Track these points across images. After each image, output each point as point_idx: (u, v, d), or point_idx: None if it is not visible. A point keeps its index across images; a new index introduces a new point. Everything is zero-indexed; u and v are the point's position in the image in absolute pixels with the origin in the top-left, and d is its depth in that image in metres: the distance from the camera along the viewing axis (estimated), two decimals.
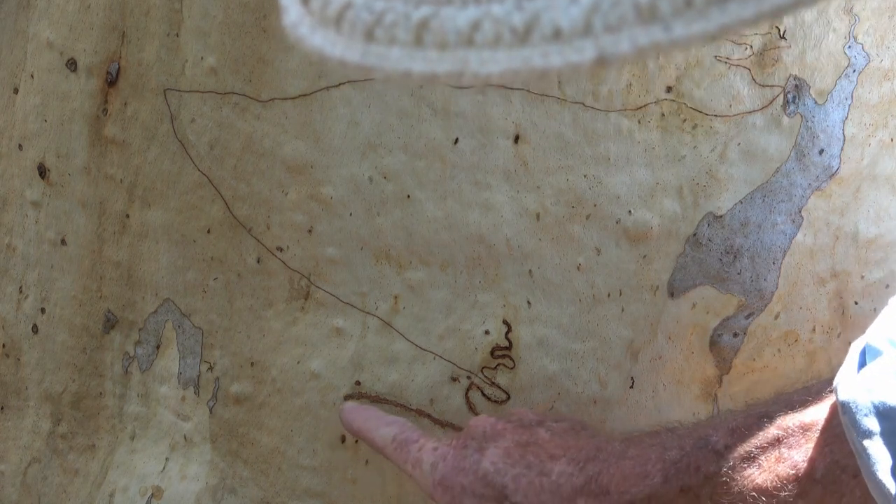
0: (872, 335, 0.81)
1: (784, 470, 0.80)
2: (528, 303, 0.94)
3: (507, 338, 0.94)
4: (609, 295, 0.94)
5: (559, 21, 0.44)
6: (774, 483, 0.80)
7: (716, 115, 0.92)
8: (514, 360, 0.94)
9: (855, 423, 0.75)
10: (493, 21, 0.45)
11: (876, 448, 0.74)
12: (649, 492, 0.82)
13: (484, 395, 0.95)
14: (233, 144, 0.96)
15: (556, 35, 0.44)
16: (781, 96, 0.92)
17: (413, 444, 0.90)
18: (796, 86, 0.92)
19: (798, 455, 0.80)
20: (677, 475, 0.82)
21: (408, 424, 0.92)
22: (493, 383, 0.95)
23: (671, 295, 0.94)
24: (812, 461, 0.80)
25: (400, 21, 0.47)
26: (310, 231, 0.95)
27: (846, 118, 0.93)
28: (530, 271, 0.93)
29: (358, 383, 0.96)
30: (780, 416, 0.82)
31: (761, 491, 0.80)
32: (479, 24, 0.45)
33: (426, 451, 0.89)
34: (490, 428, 0.88)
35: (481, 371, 0.95)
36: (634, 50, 0.43)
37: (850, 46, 0.93)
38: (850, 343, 0.98)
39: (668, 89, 0.91)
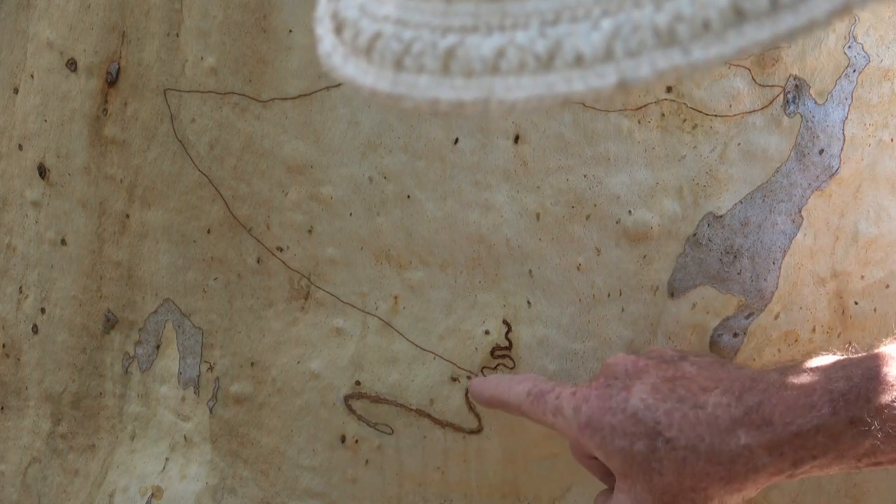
0: None
1: None
2: (528, 303, 0.94)
3: (507, 338, 0.94)
4: (609, 295, 0.94)
5: (581, 47, 0.45)
6: None
7: (716, 115, 0.92)
8: (514, 360, 0.94)
9: None
10: (518, 48, 0.46)
11: None
12: (817, 423, 0.79)
13: None
14: (233, 144, 0.96)
15: (579, 61, 0.45)
16: (781, 96, 0.92)
17: (549, 393, 0.87)
18: (796, 86, 0.92)
19: None
20: (846, 406, 0.79)
21: (539, 378, 0.89)
22: None
23: (671, 295, 0.94)
24: None
25: (427, 49, 0.48)
26: (310, 231, 0.95)
27: (846, 118, 0.93)
28: (530, 271, 0.93)
29: (358, 383, 0.96)
30: None
31: None
32: (504, 52, 0.46)
33: (565, 397, 0.86)
34: (631, 365, 0.86)
35: (481, 371, 0.95)
36: (655, 74, 0.44)
37: (850, 46, 0.93)
38: (850, 343, 0.98)
39: (668, 89, 0.91)
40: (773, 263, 0.94)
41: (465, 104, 0.47)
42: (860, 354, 0.85)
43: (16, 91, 1.08)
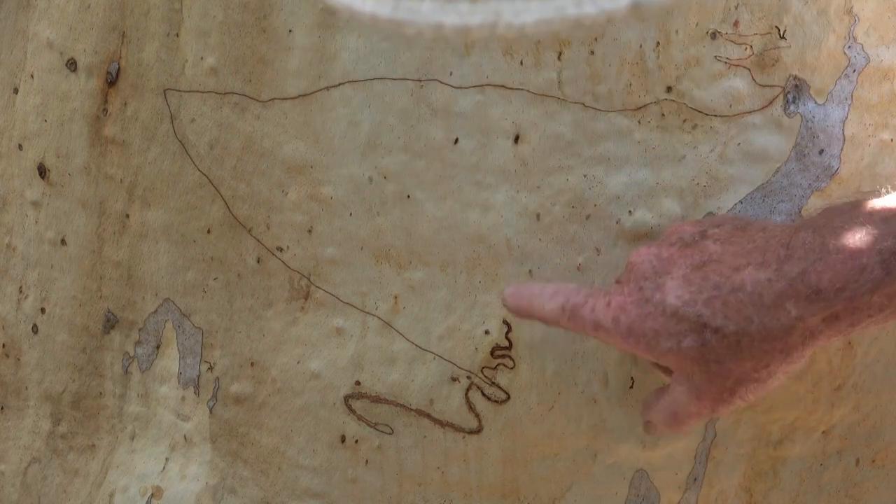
0: None
1: None
2: None
3: (507, 338, 0.94)
4: None
5: None
6: None
7: (716, 115, 0.92)
8: (514, 360, 0.94)
9: None
10: None
11: None
12: (871, 286, 0.77)
13: (484, 394, 0.95)
14: (233, 144, 0.96)
15: None
16: (781, 96, 0.92)
17: (583, 307, 0.85)
18: (796, 86, 0.92)
19: None
20: None
21: (570, 288, 0.87)
22: (493, 383, 0.95)
23: None
24: None
25: None
26: (310, 231, 0.95)
27: (846, 118, 0.93)
28: (530, 271, 0.93)
29: (358, 383, 0.96)
30: None
31: None
32: None
33: (600, 309, 0.84)
34: (656, 260, 0.84)
35: (481, 371, 0.95)
36: None
37: (850, 46, 0.93)
38: (850, 343, 0.97)
39: (668, 89, 0.91)
40: None
41: (471, 29, 0.45)
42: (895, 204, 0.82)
43: (16, 91, 1.08)
